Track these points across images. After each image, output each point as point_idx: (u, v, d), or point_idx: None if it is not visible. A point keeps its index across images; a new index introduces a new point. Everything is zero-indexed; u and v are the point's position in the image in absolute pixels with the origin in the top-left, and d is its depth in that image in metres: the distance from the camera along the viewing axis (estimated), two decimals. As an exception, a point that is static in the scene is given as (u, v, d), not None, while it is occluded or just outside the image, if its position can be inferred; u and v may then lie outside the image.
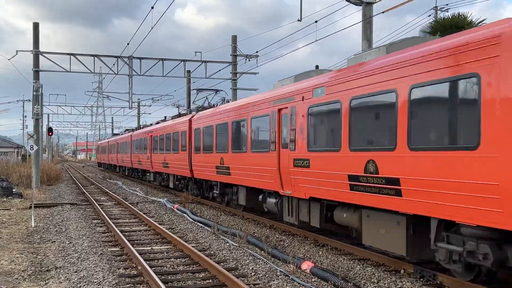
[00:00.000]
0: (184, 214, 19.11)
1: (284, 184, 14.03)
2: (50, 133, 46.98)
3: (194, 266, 10.86)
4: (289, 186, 13.73)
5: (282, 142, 14.37)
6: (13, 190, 26.83)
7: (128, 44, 30.90)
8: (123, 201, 23.82)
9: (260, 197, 16.48)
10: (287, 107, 13.98)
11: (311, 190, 12.62)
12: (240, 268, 10.54)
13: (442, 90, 8.42)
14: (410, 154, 9.03)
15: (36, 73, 31.51)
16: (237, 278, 9.25)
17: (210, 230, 15.31)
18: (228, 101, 22.95)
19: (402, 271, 10.22)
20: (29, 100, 46.89)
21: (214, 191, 21.36)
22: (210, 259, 10.83)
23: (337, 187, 11.27)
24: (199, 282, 9.52)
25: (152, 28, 24.55)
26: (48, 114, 76.56)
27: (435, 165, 8.46)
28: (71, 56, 32.24)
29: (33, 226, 16.67)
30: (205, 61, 34.08)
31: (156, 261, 11.30)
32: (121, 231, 14.76)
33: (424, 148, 8.76)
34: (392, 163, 9.51)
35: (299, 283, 9.23)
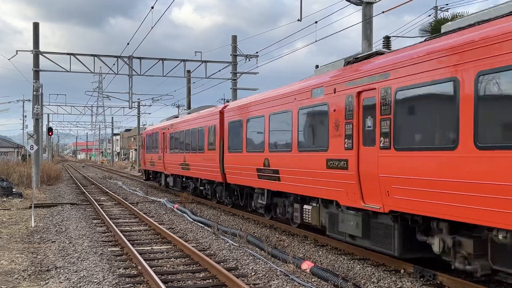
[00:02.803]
0: (184, 214, 19.11)
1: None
2: (50, 133, 46.99)
3: (194, 266, 10.86)
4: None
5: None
6: (13, 190, 26.84)
7: (128, 44, 30.92)
8: (123, 201, 23.83)
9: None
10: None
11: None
12: (240, 268, 10.54)
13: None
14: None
15: (36, 73, 31.49)
16: (237, 278, 9.25)
17: (210, 230, 15.31)
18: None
19: (402, 271, 10.22)
20: (29, 100, 46.93)
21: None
22: (210, 259, 10.83)
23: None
24: (199, 282, 9.52)
25: (152, 28, 24.57)
26: (48, 114, 76.65)
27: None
28: (71, 56, 32.24)
29: (33, 226, 16.67)
30: (205, 61, 34.08)
31: (156, 261, 11.30)
32: (121, 231, 14.76)
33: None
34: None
35: (299, 283, 9.23)
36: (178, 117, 29.68)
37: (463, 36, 8.05)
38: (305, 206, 13.33)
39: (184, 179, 26.55)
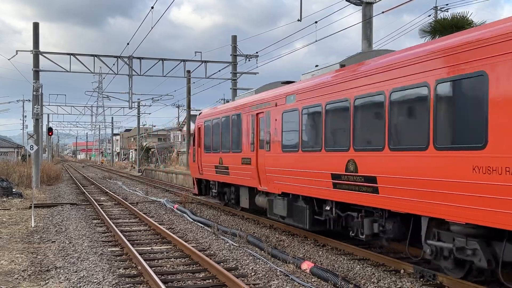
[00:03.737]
0: (184, 214, 19.11)
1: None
2: (50, 133, 47.01)
3: (194, 266, 10.86)
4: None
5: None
6: (13, 190, 26.83)
7: (128, 44, 30.96)
8: (123, 201, 23.83)
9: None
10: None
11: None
12: (240, 268, 10.53)
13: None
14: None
15: (36, 73, 31.51)
16: (237, 278, 9.25)
17: (210, 230, 15.30)
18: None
19: (402, 271, 10.21)
20: (29, 100, 46.91)
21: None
22: (210, 259, 10.83)
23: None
24: (199, 282, 9.52)
25: (152, 28, 24.61)
26: (48, 114, 76.63)
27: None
28: (71, 56, 32.25)
29: (33, 226, 16.67)
30: (205, 61, 34.10)
31: (156, 261, 11.30)
32: (121, 231, 14.76)
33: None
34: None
35: (299, 283, 9.23)
36: (292, 82, 15.39)
37: None
38: None
39: (336, 210, 12.11)
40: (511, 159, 7.26)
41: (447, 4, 34.30)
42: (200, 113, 23.32)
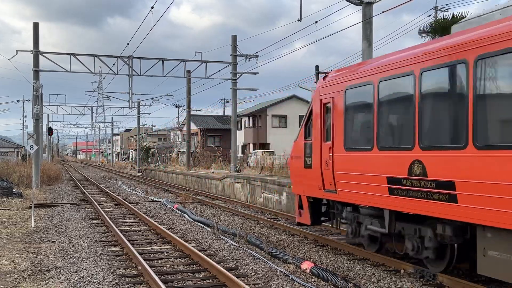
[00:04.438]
0: (184, 214, 19.11)
1: None
2: (50, 133, 47.03)
3: (194, 266, 10.86)
4: None
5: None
6: (13, 190, 26.83)
7: (128, 44, 30.97)
8: (123, 201, 23.83)
9: None
10: None
11: None
12: (240, 268, 10.53)
13: None
14: None
15: (36, 73, 31.50)
16: (237, 278, 9.24)
17: (210, 230, 15.31)
18: None
19: (402, 271, 10.21)
20: (29, 100, 46.94)
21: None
22: (210, 259, 10.83)
23: None
24: (199, 282, 9.52)
25: (152, 28, 24.63)
26: (48, 114, 76.57)
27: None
28: (71, 56, 32.24)
29: (33, 226, 16.67)
30: (205, 61, 34.10)
31: (156, 261, 11.30)
32: (121, 231, 14.76)
33: None
34: None
35: (299, 283, 9.23)
36: None
37: None
38: None
39: None
40: None
41: (447, 4, 34.39)
42: (325, 76, 12.36)
